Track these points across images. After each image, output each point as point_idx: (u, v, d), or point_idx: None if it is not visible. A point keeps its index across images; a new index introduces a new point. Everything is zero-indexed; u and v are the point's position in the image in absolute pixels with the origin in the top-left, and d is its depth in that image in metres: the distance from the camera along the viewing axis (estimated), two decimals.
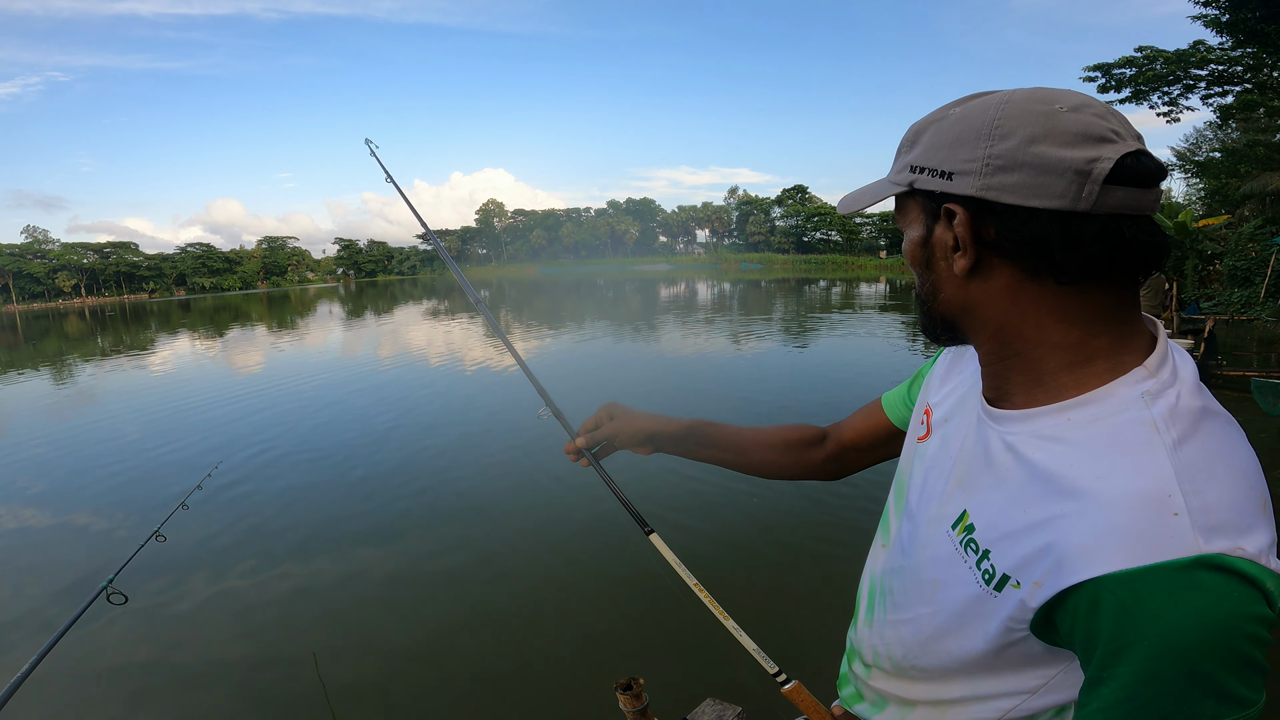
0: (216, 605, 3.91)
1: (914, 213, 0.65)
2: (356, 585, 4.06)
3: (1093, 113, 0.55)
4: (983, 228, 0.58)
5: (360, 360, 14.17)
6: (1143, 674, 0.48)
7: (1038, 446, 0.58)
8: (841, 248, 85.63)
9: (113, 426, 8.76)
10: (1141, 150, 0.54)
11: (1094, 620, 0.51)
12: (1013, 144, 0.55)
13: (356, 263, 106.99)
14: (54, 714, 3.02)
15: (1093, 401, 0.57)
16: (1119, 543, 0.49)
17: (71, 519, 5.42)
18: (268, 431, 7.93)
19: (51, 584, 4.30)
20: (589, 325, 19.54)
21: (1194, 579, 0.47)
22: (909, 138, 0.64)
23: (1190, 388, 0.56)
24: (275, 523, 5.10)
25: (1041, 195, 0.54)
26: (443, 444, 7.06)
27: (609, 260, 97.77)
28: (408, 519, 5.04)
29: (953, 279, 0.62)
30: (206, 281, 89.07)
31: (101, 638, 3.56)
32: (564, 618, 3.62)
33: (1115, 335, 0.58)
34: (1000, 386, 0.65)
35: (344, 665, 3.27)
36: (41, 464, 7.15)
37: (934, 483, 0.73)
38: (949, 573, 0.66)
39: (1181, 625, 0.47)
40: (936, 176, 0.59)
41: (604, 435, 1.05)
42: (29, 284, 76.82)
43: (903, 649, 0.74)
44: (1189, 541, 0.48)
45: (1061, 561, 0.52)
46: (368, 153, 1.50)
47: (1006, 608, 0.58)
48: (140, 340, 22.97)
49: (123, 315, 43.29)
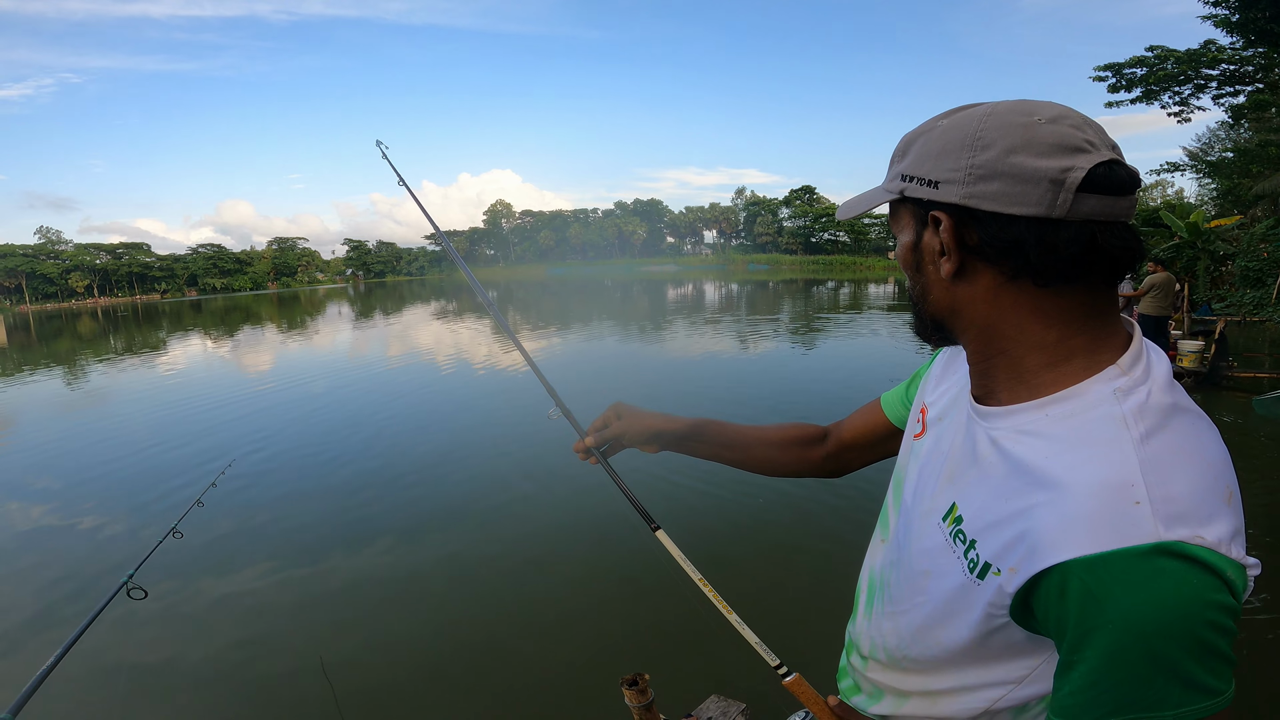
0: (230, 602, 3.97)
1: (905, 219, 0.68)
2: (366, 583, 4.11)
3: (1069, 124, 0.57)
4: (966, 233, 0.61)
5: (371, 360, 14.26)
6: (1108, 657, 0.50)
7: (1018, 441, 0.61)
8: (850, 248, 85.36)
9: (127, 425, 8.86)
10: (1115, 160, 0.56)
11: (1063, 604, 0.53)
12: (993, 154, 0.57)
13: (365, 263, 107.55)
14: (71, 708, 3.07)
15: (1069, 398, 0.60)
16: (1084, 529, 0.52)
17: (88, 517, 5.50)
18: (281, 430, 8.00)
19: (70, 580, 4.37)
20: (597, 326, 19.58)
21: (1154, 565, 0.49)
22: (900, 148, 0.67)
23: (1161, 385, 0.58)
24: (287, 521, 5.16)
25: (1019, 203, 0.57)
26: (452, 444, 7.12)
27: (616, 261, 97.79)
28: (418, 519, 5.09)
29: (940, 282, 0.66)
30: (218, 282, 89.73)
31: (118, 634, 3.62)
32: (571, 615, 3.65)
33: (1092, 335, 0.61)
34: (986, 385, 0.68)
35: (353, 663, 3.31)
36: (58, 462, 7.25)
37: (927, 478, 0.76)
38: (939, 563, 0.69)
39: (1142, 609, 0.49)
40: (924, 185, 0.63)
41: (612, 434, 1.08)
42: (42, 284, 77.61)
43: (897, 639, 0.77)
44: (1149, 529, 0.50)
45: (1034, 548, 0.55)
46: (376, 154, 1.52)
47: (987, 594, 0.61)
48: (152, 340, 23.18)
49: (135, 315, 43.68)
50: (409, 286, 71.64)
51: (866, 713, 0.85)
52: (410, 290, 58.87)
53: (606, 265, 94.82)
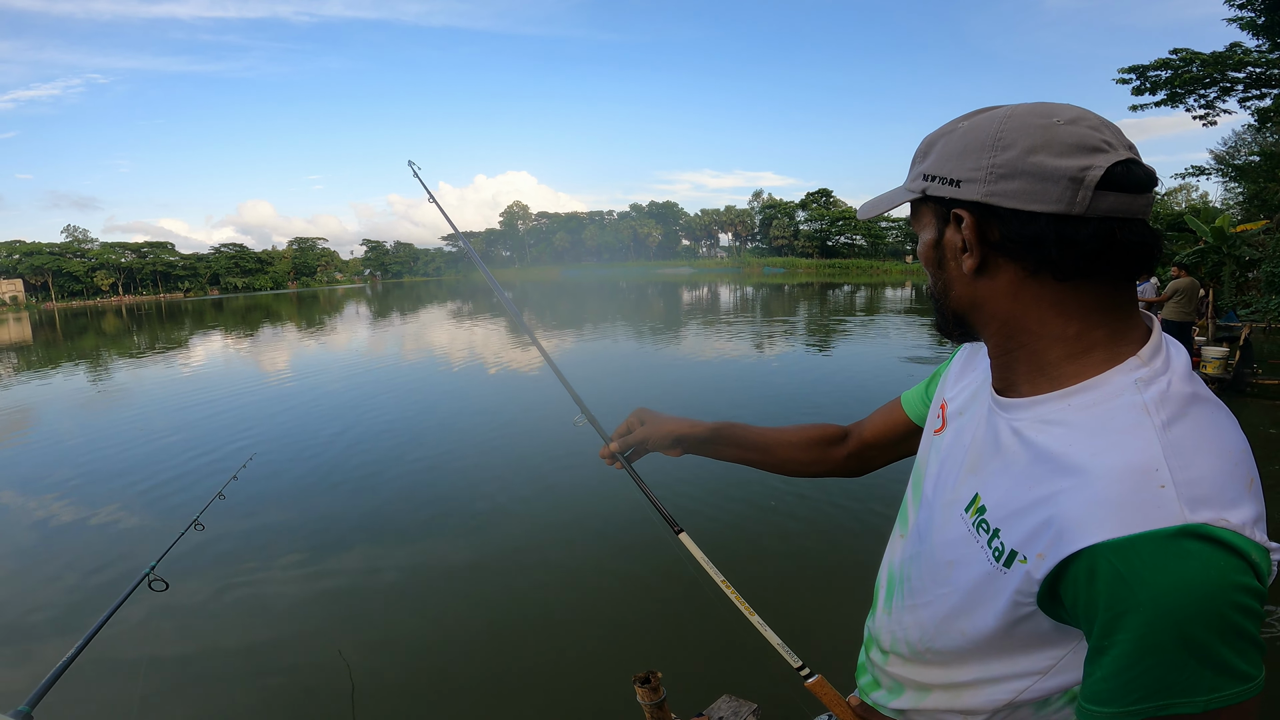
0: (250, 595, 4.02)
1: (927, 217, 0.70)
2: (385, 581, 4.15)
3: (1087, 125, 0.59)
4: (988, 230, 0.63)
5: (389, 360, 14.40)
6: (1139, 641, 0.51)
7: (1041, 430, 0.62)
8: (867, 252, 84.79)
9: (149, 419, 9.01)
10: (1132, 159, 0.58)
11: (1092, 588, 0.53)
12: (1014, 154, 0.59)
13: (383, 264, 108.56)
14: (90, 700, 3.11)
15: (1091, 388, 0.61)
16: (1110, 513, 0.53)
17: (110, 509, 5.59)
18: (301, 427, 8.11)
19: (92, 573, 4.45)
20: (613, 327, 19.61)
21: (1180, 547, 0.50)
22: (922, 149, 0.69)
23: (1181, 375, 0.60)
24: (308, 514, 5.22)
25: (1040, 200, 0.59)
26: (470, 445, 7.17)
27: (631, 263, 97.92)
28: (438, 517, 5.13)
29: (962, 278, 0.68)
30: (239, 281, 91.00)
31: (139, 626, 3.68)
32: (586, 615, 3.66)
33: (1112, 328, 0.62)
34: (1008, 377, 0.69)
35: (370, 659, 3.34)
36: (80, 456, 7.38)
37: (949, 471, 0.77)
38: (963, 553, 0.69)
39: (1171, 591, 0.49)
40: (946, 184, 0.65)
41: (636, 439, 1.11)
42: (68, 282, 79.11)
43: (919, 632, 0.77)
44: (1175, 511, 0.51)
45: (1061, 533, 0.56)
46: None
47: (1015, 581, 0.61)
48: (175, 337, 23.57)
49: (158, 313, 44.41)
50: (425, 287, 72.24)
51: (886, 708, 0.85)
52: (427, 291, 59.37)
53: (621, 267, 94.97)
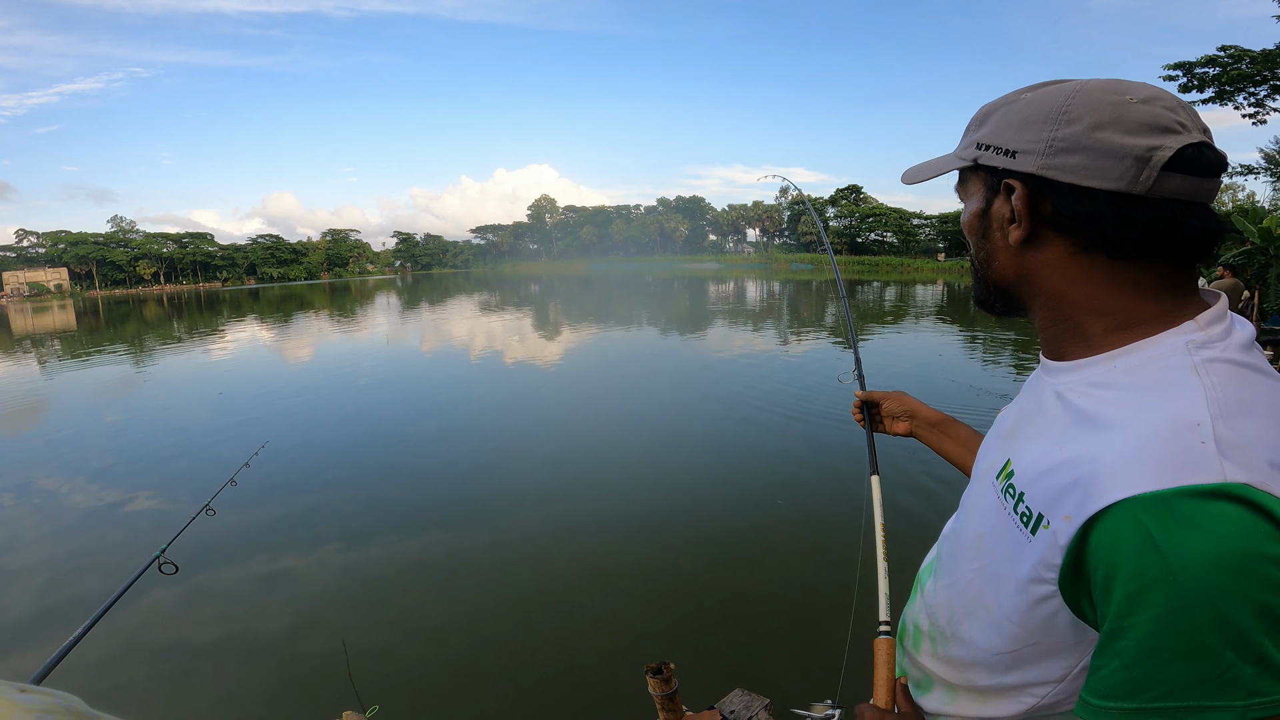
0: (258, 579, 4.13)
1: (975, 186, 0.70)
2: (395, 570, 4.23)
3: (1163, 105, 0.57)
4: (1040, 203, 0.62)
5: (410, 353, 14.60)
6: (1166, 619, 0.46)
7: (1085, 393, 0.61)
8: (897, 249, 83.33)
9: (169, 406, 9.27)
10: (1205, 142, 0.57)
11: (1115, 553, 0.49)
12: (1078, 129, 0.58)
13: (413, 255, 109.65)
14: (96, 678, 3.18)
15: (1140, 349, 0.60)
16: (1145, 466, 0.49)
17: (125, 492, 5.78)
18: (316, 415, 8.28)
19: (102, 554, 4.59)
20: (646, 321, 19.63)
21: (1217, 508, 0.46)
22: (979, 117, 0.69)
23: (1239, 345, 0.57)
24: (317, 502, 5.35)
25: (1100, 177, 0.57)
26: (486, 438, 7.27)
27: (658, 258, 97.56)
28: (450, 510, 5.21)
29: (1007, 249, 0.67)
30: (275, 271, 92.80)
31: (147, 607, 3.80)
32: (601, 607, 3.71)
33: (1167, 305, 0.60)
34: (1056, 347, 0.68)
35: (376, 643, 3.41)
36: (100, 441, 7.62)
37: (991, 440, 0.78)
38: (992, 523, 0.68)
39: (1203, 557, 0.45)
40: (1000, 154, 0.64)
41: (879, 395, 1.27)
42: (111, 271, 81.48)
43: (949, 612, 0.75)
44: (1215, 468, 0.47)
45: (1089, 490, 0.53)
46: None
47: (1038, 550, 0.58)
48: (212, 325, 24.19)
49: (197, 302, 45.58)
50: (454, 279, 72.89)
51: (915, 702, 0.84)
52: (455, 282, 59.90)
53: (648, 262, 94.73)
